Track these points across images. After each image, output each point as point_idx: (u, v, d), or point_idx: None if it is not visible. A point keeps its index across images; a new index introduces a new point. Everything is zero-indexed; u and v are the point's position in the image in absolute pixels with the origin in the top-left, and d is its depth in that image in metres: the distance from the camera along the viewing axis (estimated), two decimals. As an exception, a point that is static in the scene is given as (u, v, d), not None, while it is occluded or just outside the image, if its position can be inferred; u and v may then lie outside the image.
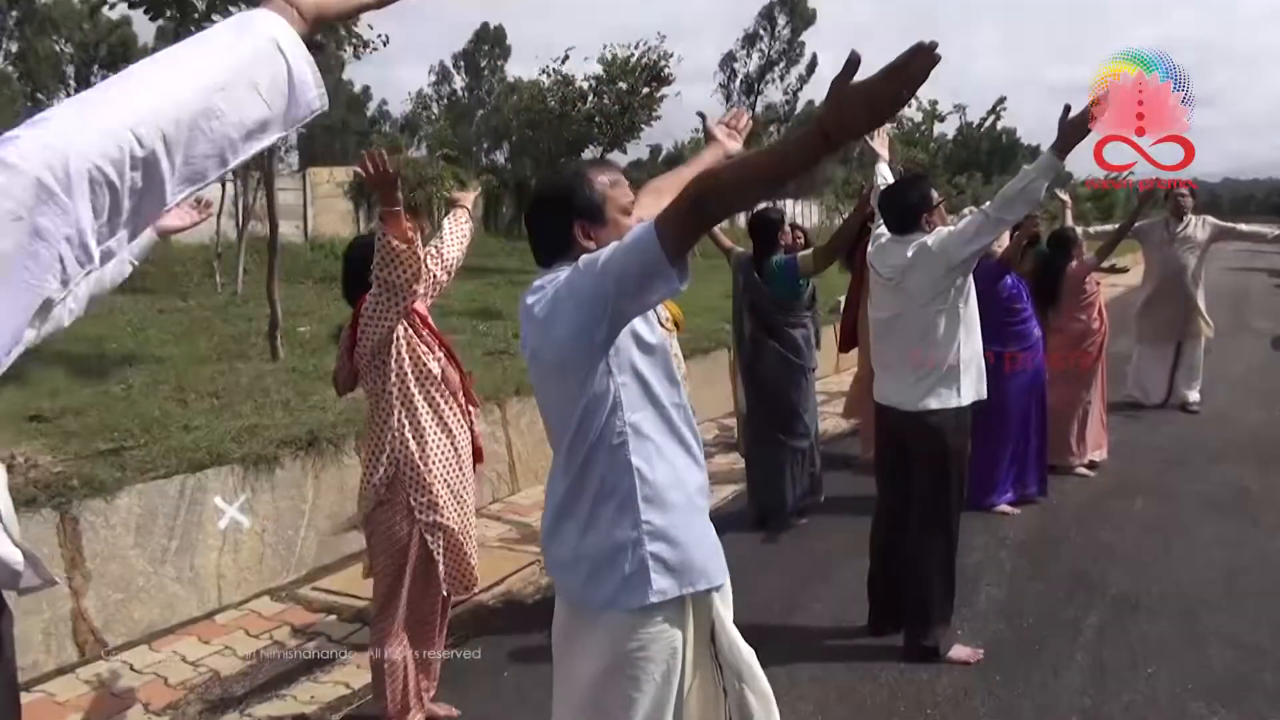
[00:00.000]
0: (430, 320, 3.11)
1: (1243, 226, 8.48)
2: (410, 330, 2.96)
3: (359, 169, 2.66)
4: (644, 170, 34.45)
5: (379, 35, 15.34)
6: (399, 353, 2.92)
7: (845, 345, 6.55)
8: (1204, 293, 8.25)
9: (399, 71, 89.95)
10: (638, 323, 1.93)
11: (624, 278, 1.74)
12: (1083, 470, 6.33)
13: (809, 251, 5.05)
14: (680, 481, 1.98)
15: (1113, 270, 6.79)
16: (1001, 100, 30.57)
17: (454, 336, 8.03)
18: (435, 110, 57.05)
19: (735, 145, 3.69)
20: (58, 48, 43.72)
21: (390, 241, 2.73)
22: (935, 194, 3.68)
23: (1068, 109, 3.18)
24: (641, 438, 1.93)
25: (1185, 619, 4.08)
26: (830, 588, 4.47)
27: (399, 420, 2.94)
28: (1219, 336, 8.55)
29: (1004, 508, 5.54)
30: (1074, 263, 6.36)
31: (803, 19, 52.94)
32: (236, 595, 4.57)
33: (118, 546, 4.26)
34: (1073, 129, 3.19)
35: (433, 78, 59.68)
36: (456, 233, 3.31)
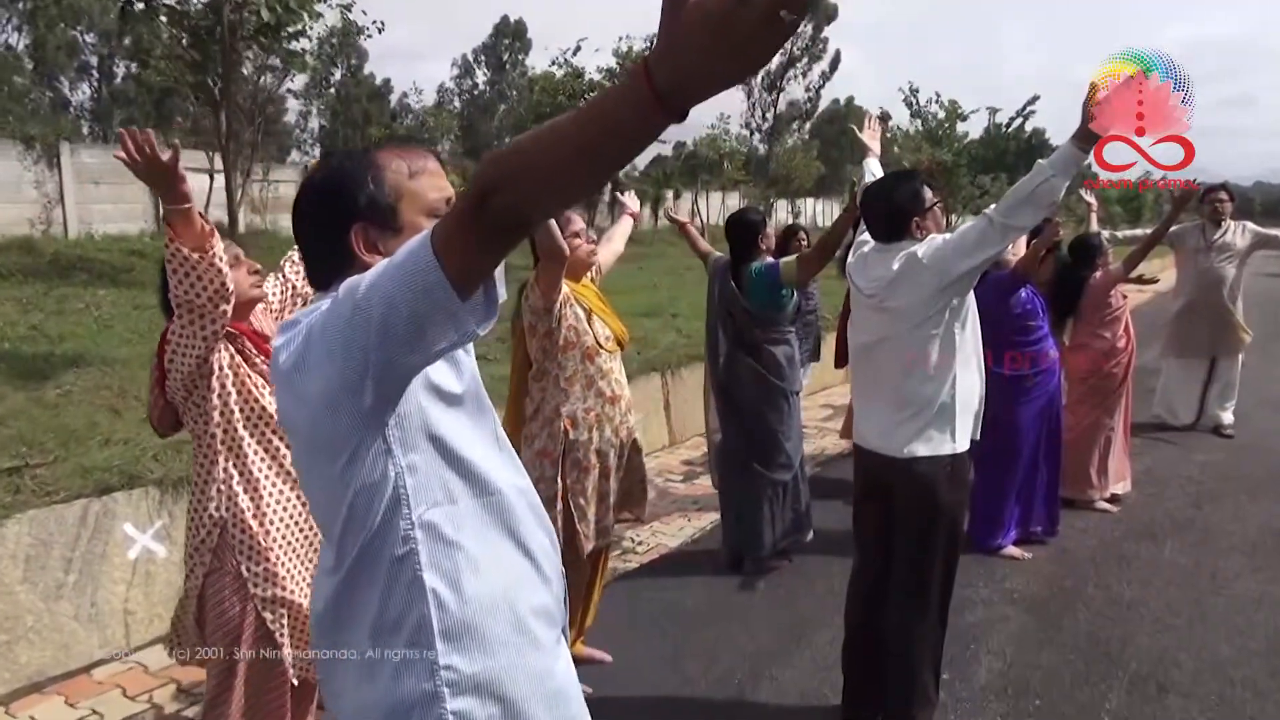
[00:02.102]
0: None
1: (1286, 234, 7.73)
2: (238, 358, 2.36)
3: (118, 155, 2.03)
4: (664, 167, 33.80)
5: (374, 22, 14.87)
6: (222, 386, 2.32)
7: (841, 360, 5.90)
8: (1242, 303, 7.55)
9: (423, 66, 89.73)
10: (436, 369, 1.33)
11: (390, 318, 1.14)
12: (1103, 505, 5.66)
13: (792, 258, 4.40)
14: (506, 604, 1.38)
15: (1141, 281, 6.08)
16: (1034, 99, 29.52)
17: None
18: (456, 104, 56.62)
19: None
20: (79, 37, 43.41)
21: (180, 250, 2.13)
22: (929, 193, 3.03)
23: (1095, 88, 2.54)
24: (442, 544, 1.33)
25: (1224, 709, 3.42)
26: (806, 651, 3.84)
27: (224, 470, 2.34)
28: (1251, 350, 7.83)
29: (1011, 550, 4.89)
30: (1098, 273, 5.68)
31: (825, 14, 51.98)
32: (148, 634, 4.03)
33: (3, 581, 3.74)
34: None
35: (455, 71, 59.19)
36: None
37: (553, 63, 20.39)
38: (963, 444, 2.96)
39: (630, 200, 4.09)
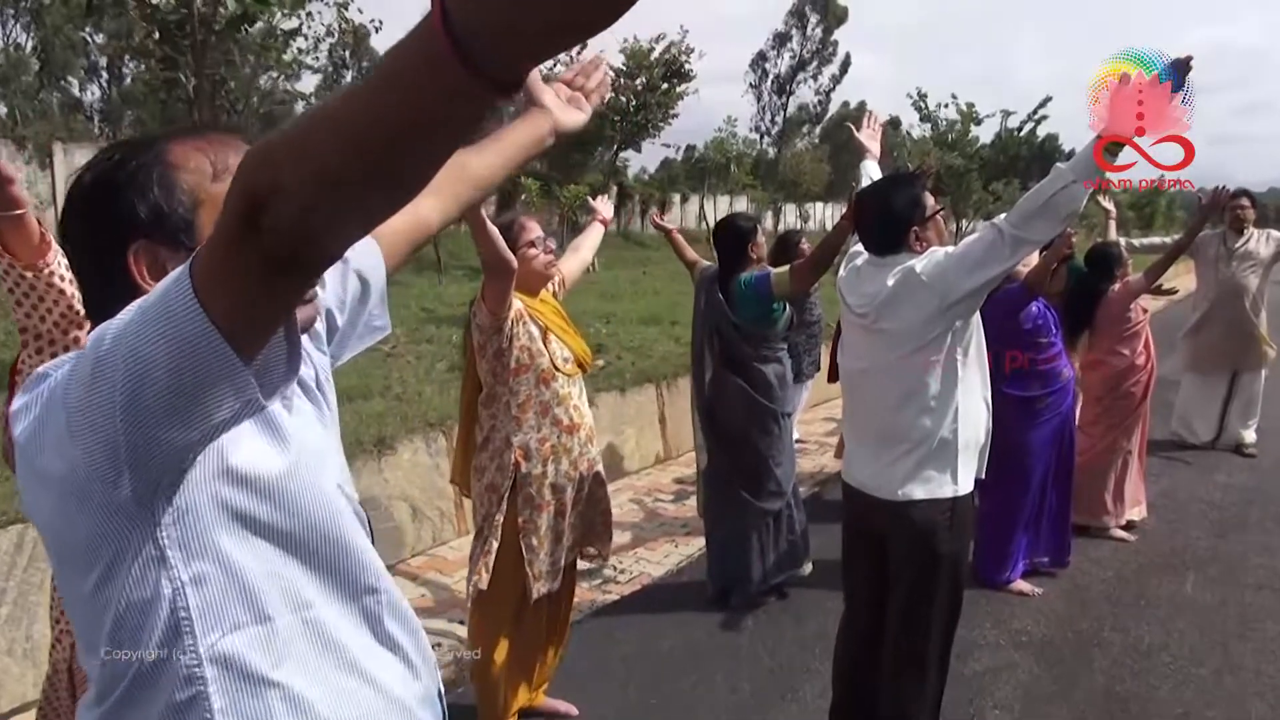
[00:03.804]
0: None
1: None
2: None
3: None
4: (673, 170, 33.45)
5: (372, 20, 14.59)
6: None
7: (833, 375, 5.53)
8: (1265, 315, 7.15)
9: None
10: (236, 443, 0.97)
11: (143, 383, 0.80)
12: (1119, 533, 5.27)
13: (784, 269, 4.04)
14: None
15: (1159, 292, 5.69)
16: (1045, 101, 28.95)
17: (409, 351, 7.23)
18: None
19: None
20: (88, 38, 43.26)
21: (14, 267, 1.78)
22: (931, 199, 2.66)
23: (1125, 80, 2.18)
24: (247, 683, 0.96)
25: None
26: (792, 706, 3.48)
27: None
28: (1275, 365, 7.41)
29: (1020, 585, 4.51)
30: (1117, 284, 5.30)
31: (835, 17, 51.62)
32: (86, 671, 3.70)
33: (-73, 616, 3.45)
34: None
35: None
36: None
37: (555, 63, 20.07)
38: (965, 485, 2.60)
39: (602, 206, 3.73)
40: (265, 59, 11.94)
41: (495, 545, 2.86)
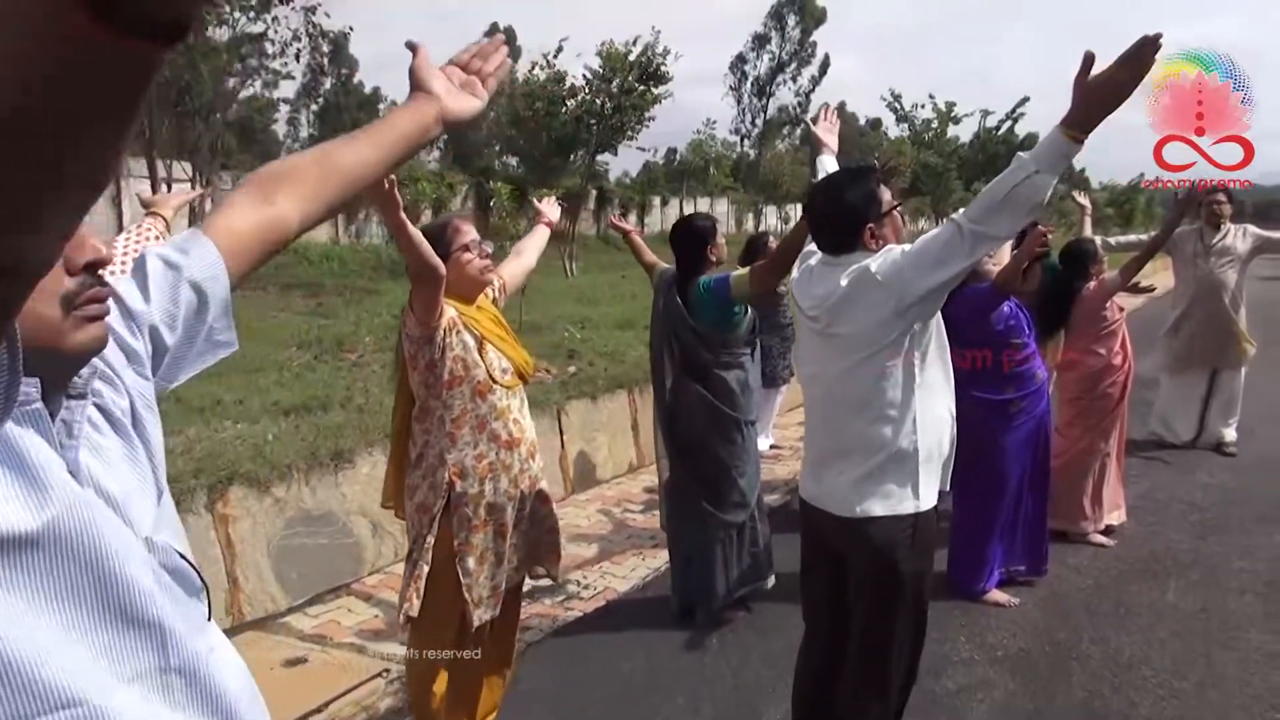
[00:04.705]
0: None
1: (1291, 237, 7.20)
2: None
3: None
4: (654, 173, 33.29)
5: (343, 26, 14.34)
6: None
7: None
8: (1245, 312, 7.03)
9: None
10: None
11: None
12: (1098, 538, 5.12)
13: (744, 271, 3.86)
14: None
15: (1137, 290, 5.53)
16: (1024, 101, 28.94)
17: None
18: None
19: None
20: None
21: None
22: (888, 194, 2.49)
23: (1090, 59, 2.00)
24: None
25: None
26: (755, 729, 3.31)
27: None
28: (1253, 360, 7.29)
29: (995, 596, 4.35)
30: (1092, 282, 5.16)
31: (813, 18, 51.59)
32: None
33: None
34: (1102, 91, 2.01)
35: (441, 79, 58.40)
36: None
37: (534, 66, 19.86)
38: (928, 499, 2.42)
39: (548, 208, 3.55)
40: (221, 63, 11.70)
41: (425, 569, 2.67)
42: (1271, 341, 11.80)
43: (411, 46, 1.37)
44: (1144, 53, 1.93)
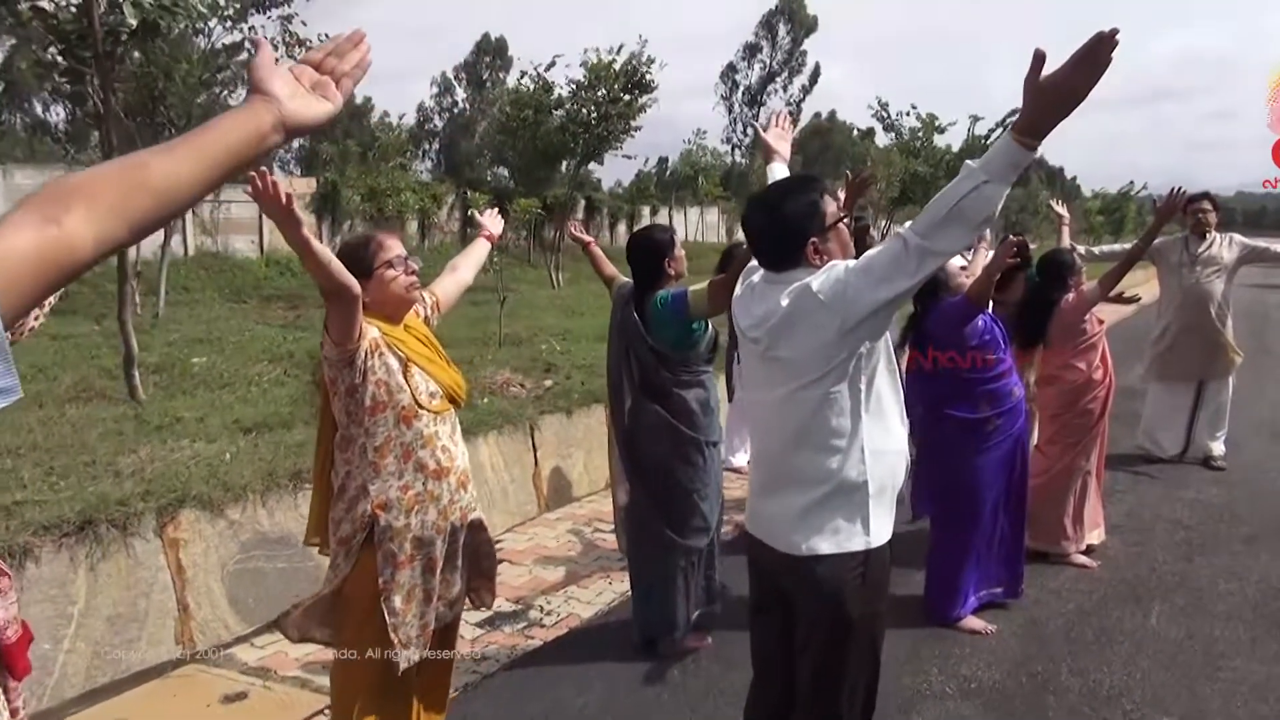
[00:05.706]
0: None
1: (1277, 246, 7.05)
2: None
3: None
4: (644, 183, 33.14)
5: (319, 35, 14.22)
6: None
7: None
8: (1232, 322, 6.88)
9: (405, 85, 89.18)
10: None
11: None
12: (1080, 559, 4.94)
13: (702, 285, 3.69)
14: None
15: (1122, 300, 5.37)
16: (1014, 111, 28.91)
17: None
18: (437, 122, 55.93)
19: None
20: (52, 56, 42.42)
21: None
22: (833, 205, 2.32)
23: (1040, 59, 1.83)
24: None
25: None
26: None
27: None
28: (1240, 370, 7.12)
29: (971, 623, 4.16)
30: (1070, 294, 4.99)
31: (803, 26, 51.62)
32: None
33: None
34: (1053, 93, 1.85)
35: (435, 90, 58.39)
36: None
37: (523, 75, 19.78)
38: (879, 535, 2.24)
39: (489, 220, 3.37)
40: (195, 73, 11.54)
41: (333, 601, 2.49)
42: (1261, 351, 11.68)
43: (254, 43, 1.20)
44: (1099, 51, 1.76)
